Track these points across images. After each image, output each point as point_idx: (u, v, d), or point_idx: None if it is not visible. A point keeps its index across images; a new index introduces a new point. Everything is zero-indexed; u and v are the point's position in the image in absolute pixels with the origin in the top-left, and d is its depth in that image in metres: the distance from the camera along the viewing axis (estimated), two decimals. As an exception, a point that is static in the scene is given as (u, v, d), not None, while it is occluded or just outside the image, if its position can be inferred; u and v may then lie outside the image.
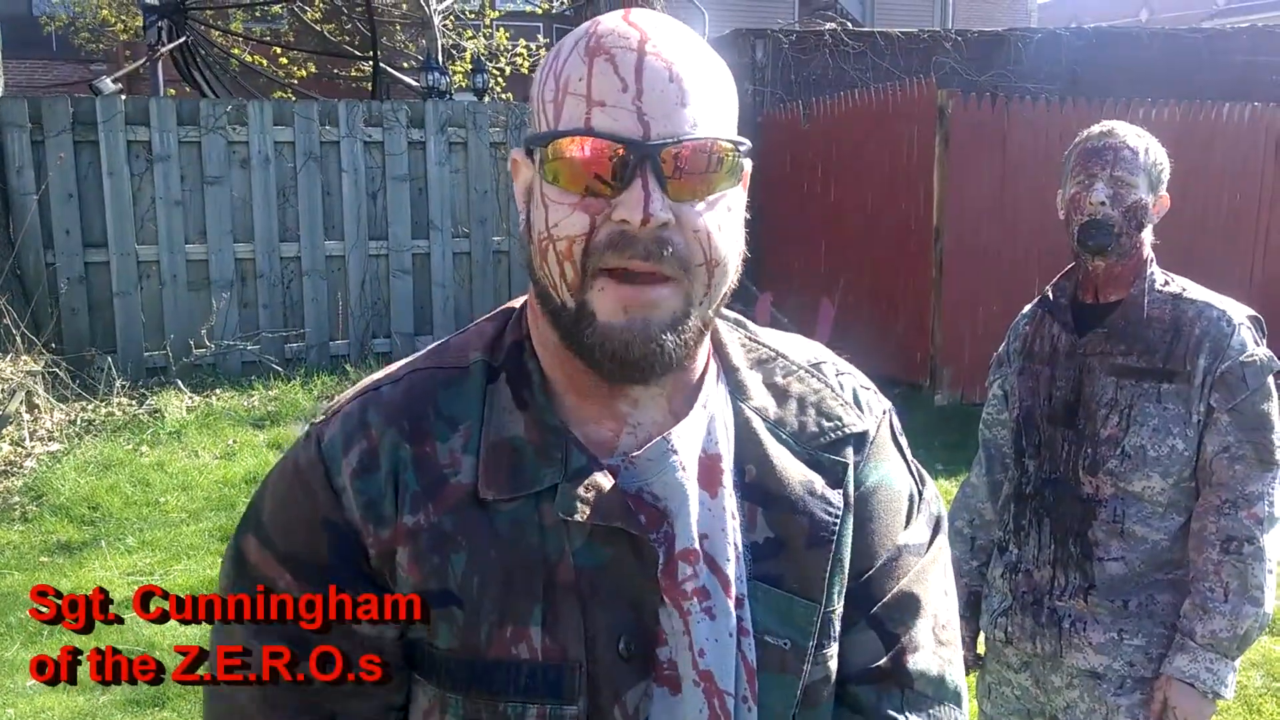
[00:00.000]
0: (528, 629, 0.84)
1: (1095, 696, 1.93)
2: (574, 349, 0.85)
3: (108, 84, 8.27)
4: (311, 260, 7.67)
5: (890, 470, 0.97)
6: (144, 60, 10.83)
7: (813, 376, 0.97)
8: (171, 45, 10.13)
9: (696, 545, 0.88)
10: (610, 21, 0.84)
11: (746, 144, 0.85)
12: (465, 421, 0.88)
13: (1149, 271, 1.94)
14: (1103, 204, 1.88)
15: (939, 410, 6.88)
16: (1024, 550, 2.02)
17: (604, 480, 0.86)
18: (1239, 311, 1.89)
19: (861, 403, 0.98)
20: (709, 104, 0.82)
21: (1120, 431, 1.89)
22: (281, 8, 13.02)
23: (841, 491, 0.92)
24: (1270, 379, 1.87)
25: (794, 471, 0.91)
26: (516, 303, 0.97)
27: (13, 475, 5.48)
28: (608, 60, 0.80)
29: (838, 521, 0.90)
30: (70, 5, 14.35)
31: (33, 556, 4.63)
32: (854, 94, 7.95)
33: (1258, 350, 1.85)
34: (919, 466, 1.02)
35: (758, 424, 0.92)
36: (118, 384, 6.71)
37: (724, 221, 0.84)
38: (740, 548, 0.89)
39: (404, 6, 12.92)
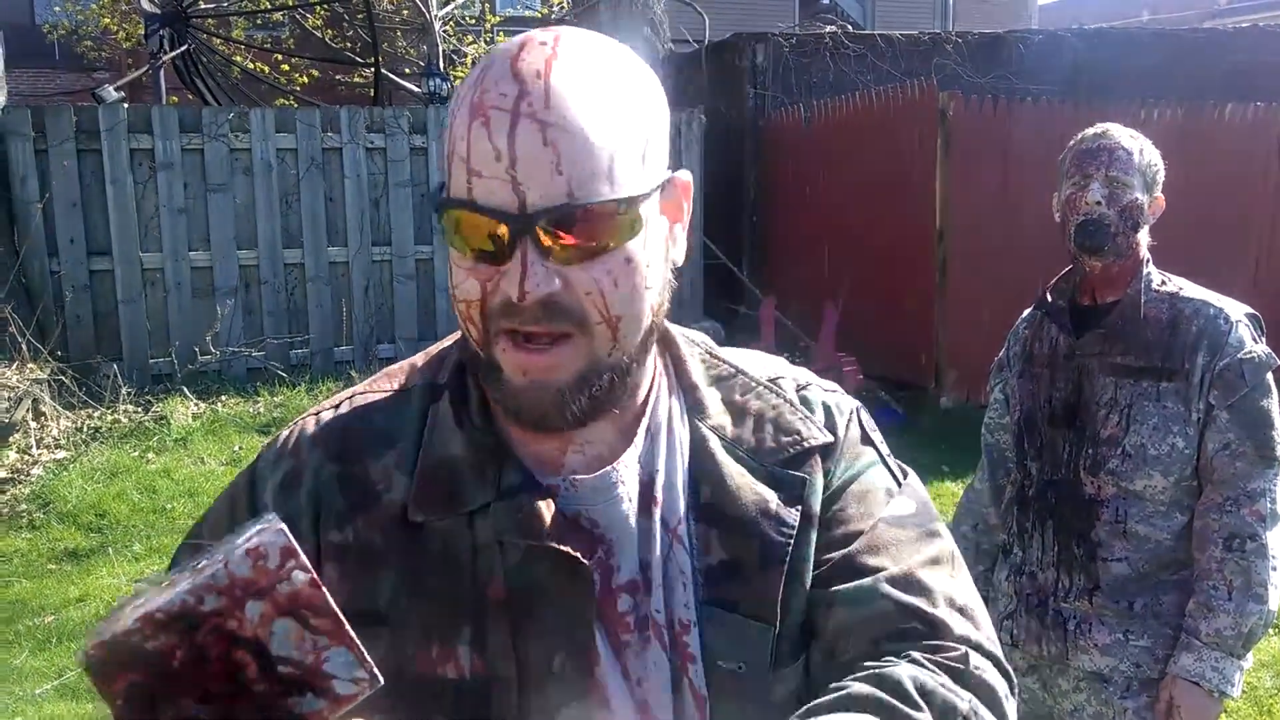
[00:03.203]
0: (455, 648, 0.83)
1: (1102, 700, 1.93)
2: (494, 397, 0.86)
3: (110, 92, 8.29)
4: (315, 266, 7.68)
5: (862, 464, 0.94)
6: (146, 68, 10.85)
7: (771, 392, 0.95)
8: (174, 53, 10.15)
9: (638, 577, 0.86)
10: (498, 69, 0.79)
11: (642, 193, 0.81)
12: (402, 441, 0.88)
13: (1145, 272, 1.95)
14: (1098, 204, 1.89)
15: (944, 413, 6.88)
16: (1028, 553, 2.03)
17: (537, 500, 0.84)
18: (1236, 309, 1.90)
19: (824, 413, 0.95)
20: (595, 160, 0.78)
21: (1120, 431, 1.89)
22: (283, 15, 13.04)
23: (800, 508, 0.89)
24: (1269, 375, 1.87)
25: (749, 491, 0.89)
26: None
27: (20, 483, 5.50)
28: (483, 125, 0.77)
29: (791, 541, 0.88)
30: (73, 14, 14.37)
31: (40, 564, 4.64)
32: (855, 97, 7.95)
33: (1256, 347, 1.86)
34: (899, 464, 0.99)
35: (715, 443, 0.91)
36: (123, 391, 6.73)
37: (621, 275, 0.80)
38: (690, 573, 0.87)
39: (405, 13, 12.94)
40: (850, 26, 11.99)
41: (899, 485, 0.96)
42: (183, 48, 10.22)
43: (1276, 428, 1.86)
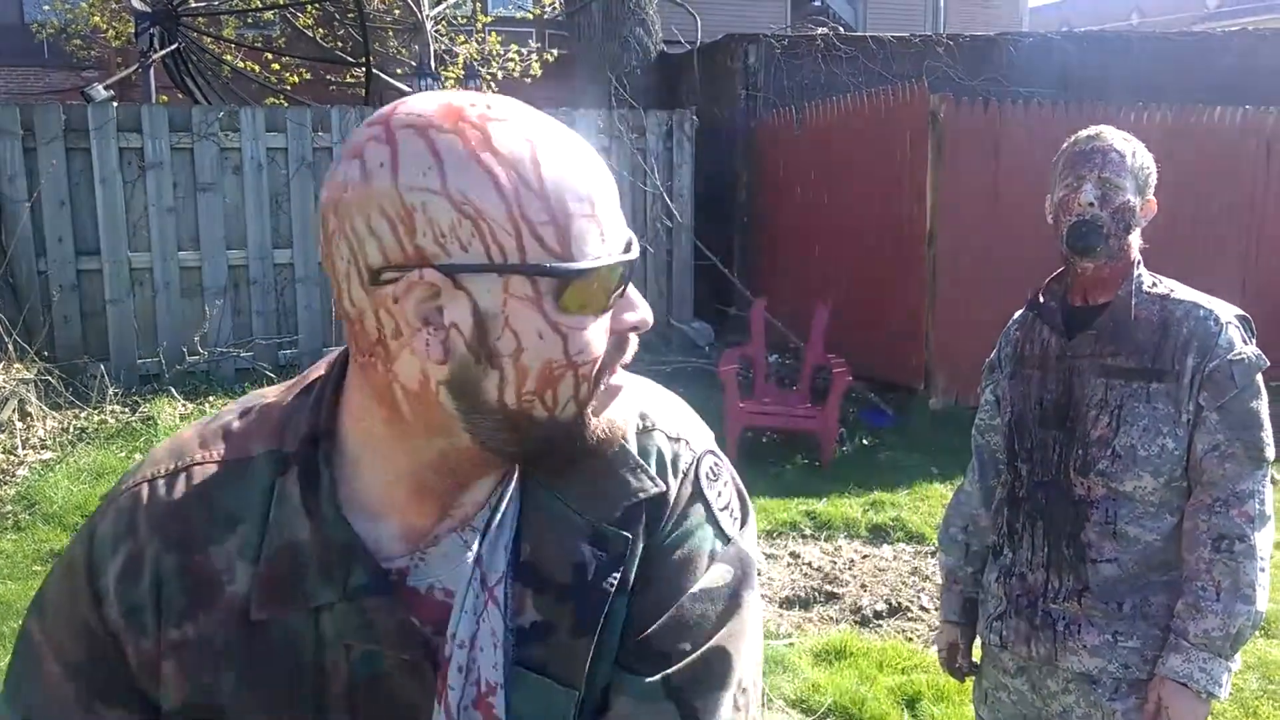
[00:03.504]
0: None
1: (1091, 701, 1.93)
2: (534, 452, 0.82)
3: (100, 91, 8.26)
4: (305, 267, 7.65)
5: (690, 525, 0.89)
6: (136, 67, 10.80)
7: None
8: (163, 52, 10.10)
9: (464, 635, 0.83)
10: (544, 136, 0.77)
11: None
12: (244, 522, 0.83)
13: (1136, 274, 1.95)
14: (1091, 204, 1.89)
15: (934, 414, 6.89)
16: (1018, 554, 2.03)
17: (381, 602, 0.82)
18: (1227, 311, 1.90)
19: (658, 463, 0.89)
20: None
21: (1110, 432, 1.89)
22: (274, 14, 13.00)
23: (620, 571, 0.85)
24: (1259, 377, 1.87)
25: (569, 552, 0.85)
26: (312, 375, 0.90)
27: (5, 484, 5.46)
28: (591, 180, 0.79)
29: (604, 608, 0.85)
30: (62, 12, 14.30)
31: (25, 565, 4.61)
32: (846, 99, 7.96)
33: (1245, 349, 1.86)
34: (735, 515, 0.93)
35: (544, 496, 0.86)
36: (110, 392, 6.69)
37: None
38: (501, 634, 0.83)
39: (396, 12, 12.90)
40: (841, 28, 12.00)
41: (724, 544, 0.90)
42: (172, 46, 10.17)
43: (1266, 429, 1.86)
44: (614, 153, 8.43)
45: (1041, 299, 2.06)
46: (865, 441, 6.61)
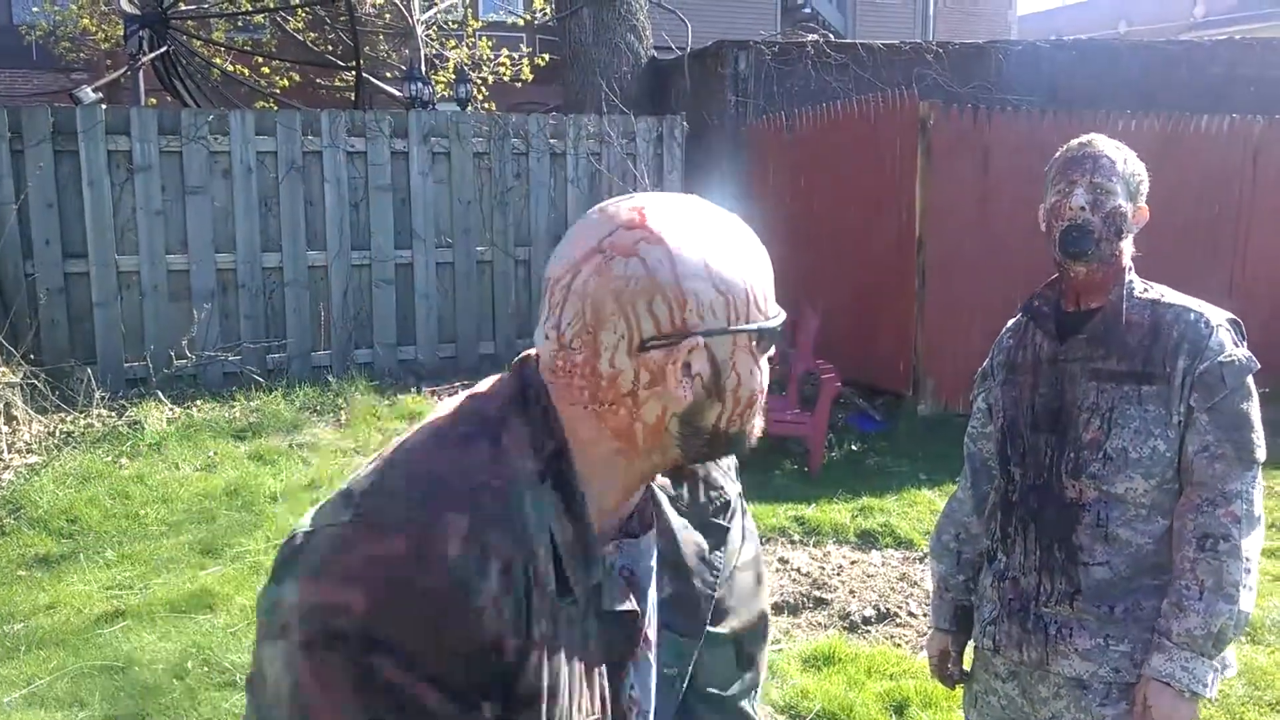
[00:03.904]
0: (581, 706, 1.01)
1: (1081, 707, 1.93)
2: (709, 458, 1.12)
3: (88, 93, 8.23)
4: (294, 270, 7.63)
5: (746, 520, 1.25)
6: (125, 70, 10.78)
7: None
8: (153, 55, 10.08)
9: (652, 611, 1.11)
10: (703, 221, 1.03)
11: None
12: (544, 532, 0.97)
13: (1128, 279, 1.97)
14: (1083, 209, 1.91)
15: (923, 420, 6.90)
16: (1011, 558, 2.03)
17: (621, 575, 1.07)
18: (1217, 314, 1.91)
19: (734, 470, 1.23)
20: None
21: (1102, 435, 1.90)
22: (264, 18, 12.99)
23: (725, 550, 1.17)
24: (1249, 379, 1.88)
25: (689, 540, 1.15)
26: (493, 393, 1.05)
27: (-10, 488, 5.43)
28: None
29: (717, 579, 1.16)
30: (51, 15, 14.25)
31: (10, 570, 4.58)
32: (837, 106, 7.98)
33: (1236, 351, 1.87)
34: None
35: (663, 499, 1.14)
36: (97, 395, 6.66)
37: None
38: (654, 604, 1.12)
39: (387, 17, 12.91)
40: (832, 35, 12.04)
41: (753, 525, 1.28)
42: (162, 49, 10.16)
43: (1256, 430, 1.87)
44: (604, 158, 8.44)
45: (1035, 304, 2.07)
46: (854, 447, 6.62)
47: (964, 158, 7.03)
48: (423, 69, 10.95)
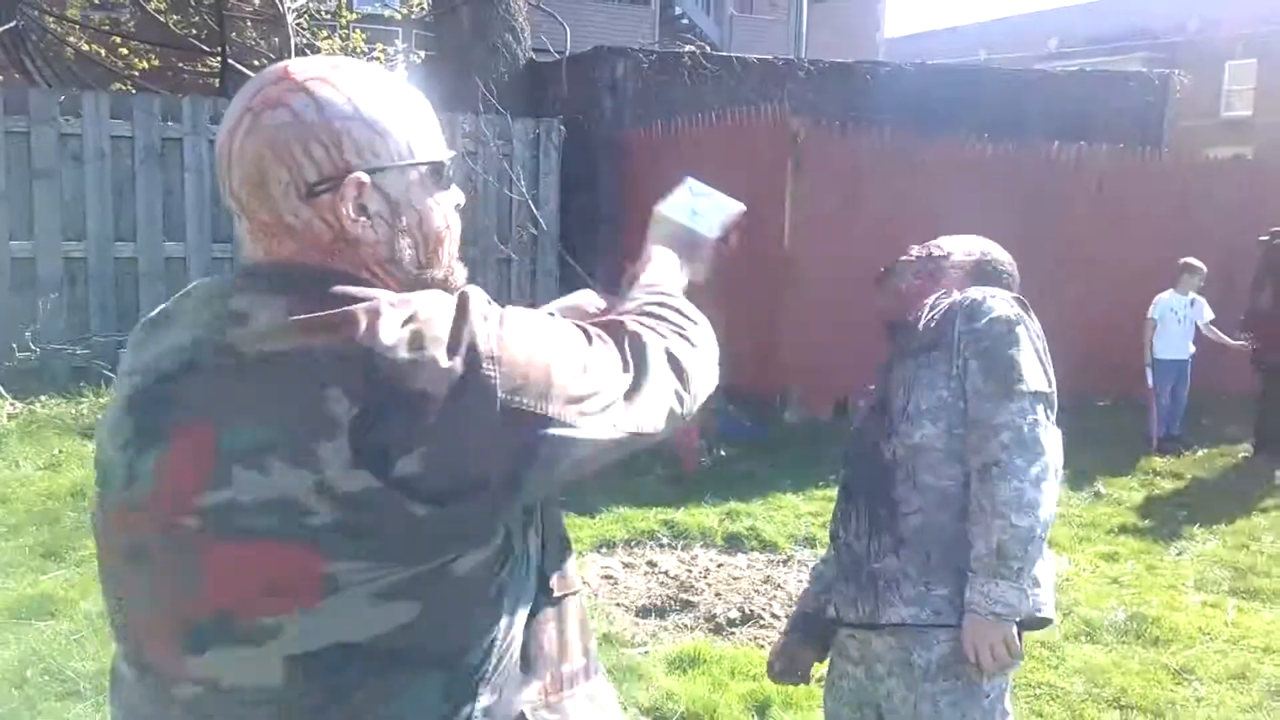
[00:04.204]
0: None
1: (908, 685, 2.06)
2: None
3: (-75, 67, 7.72)
4: (149, 262, 7.32)
5: None
6: (-32, 44, 10.14)
7: None
8: (0, 30, 9.53)
9: None
10: None
11: None
12: None
13: (942, 290, 2.19)
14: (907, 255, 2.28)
15: (789, 427, 7.06)
16: (847, 529, 2.18)
17: None
18: (999, 293, 2.14)
19: None
20: None
21: (905, 399, 2.10)
22: (123, -4, 12.43)
23: None
24: (1020, 330, 2.05)
25: None
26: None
27: None
28: None
29: None
30: (-116, -19, 13.30)
31: None
32: (711, 116, 8.11)
33: (1005, 310, 2.06)
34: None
35: None
36: (-71, 388, 6.25)
37: None
38: None
39: (256, 2, 12.50)
40: (708, 48, 12.23)
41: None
42: (10, 24, 9.61)
43: (1021, 368, 2.03)
44: (480, 159, 8.36)
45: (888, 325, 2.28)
46: (724, 453, 6.73)
47: (832, 172, 7.24)
48: (293, 58, 10.65)
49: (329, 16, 12.96)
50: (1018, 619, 1.95)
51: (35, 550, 4.53)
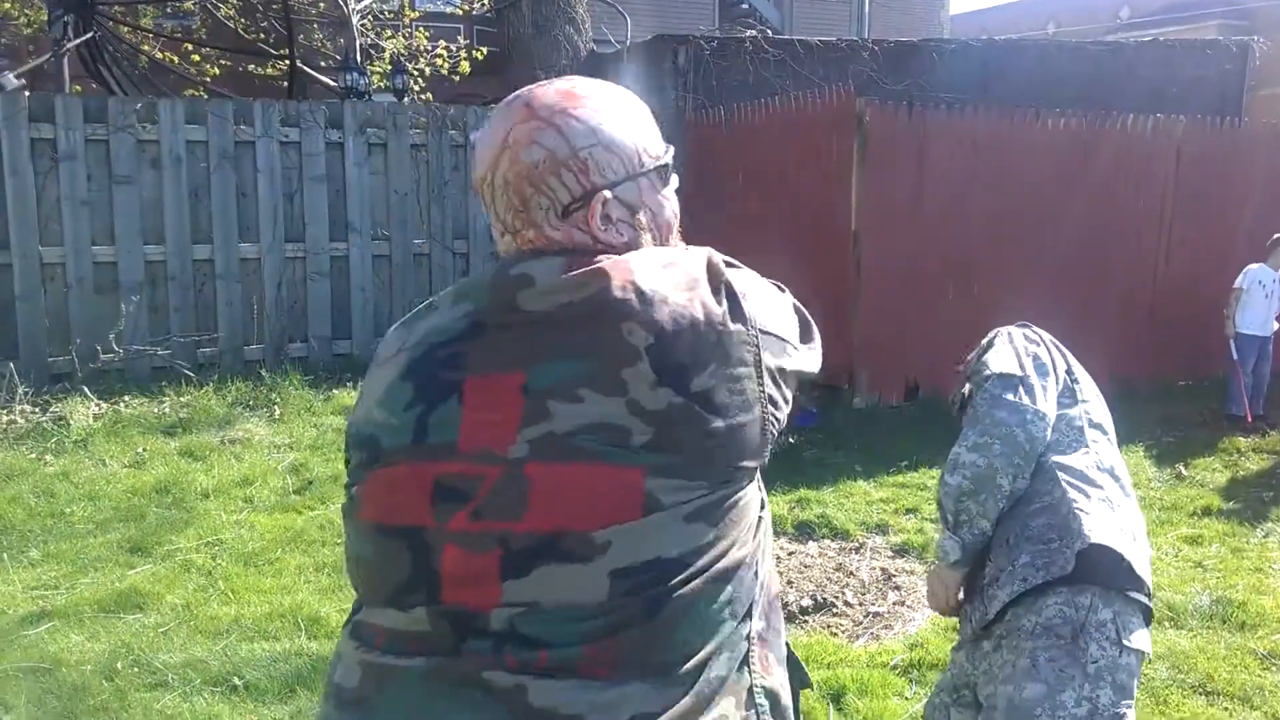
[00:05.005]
0: None
1: (1012, 648, 2.05)
2: None
3: (11, 80, 7.98)
4: (225, 263, 7.49)
5: None
6: (49, 56, 10.47)
7: None
8: (78, 41, 9.81)
9: None
10: None
11: None
12: None
13: None
14: None
15: (858, 413, 6.99)
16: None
17: None
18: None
19: None
20: None
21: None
22: (194, 3, 12.70)
23: None
24: (998, 338, 2.28)
25: None
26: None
27: (-93, 486, 5.25)
28: None
29: None
30: (-31, -2, 13.78)
31: (-71, 571, 4.43)
32: (774, 101, 8.04)
33: (993, 334, 2.31)
34: None
35: None
36: (20, 391, 6.48)
37: None
38: None
39: (321, 5, 12.69)
40: (769, 31, 12.12)
41: None
42: (88, 35, 9.88)
43: (989, 358, 2.22)
44: (543, 151, 8.38)
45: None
46: (792, 440, 6.69)
47: (899, 153, 7.13)
48: (358, 59, 10.79)
49: (392, 16, 13.13)
50: (949, 564, 2.18)
51: (122, 546, 4.68)
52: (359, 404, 1.19)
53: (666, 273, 1.12)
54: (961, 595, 2.28)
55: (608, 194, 1.17)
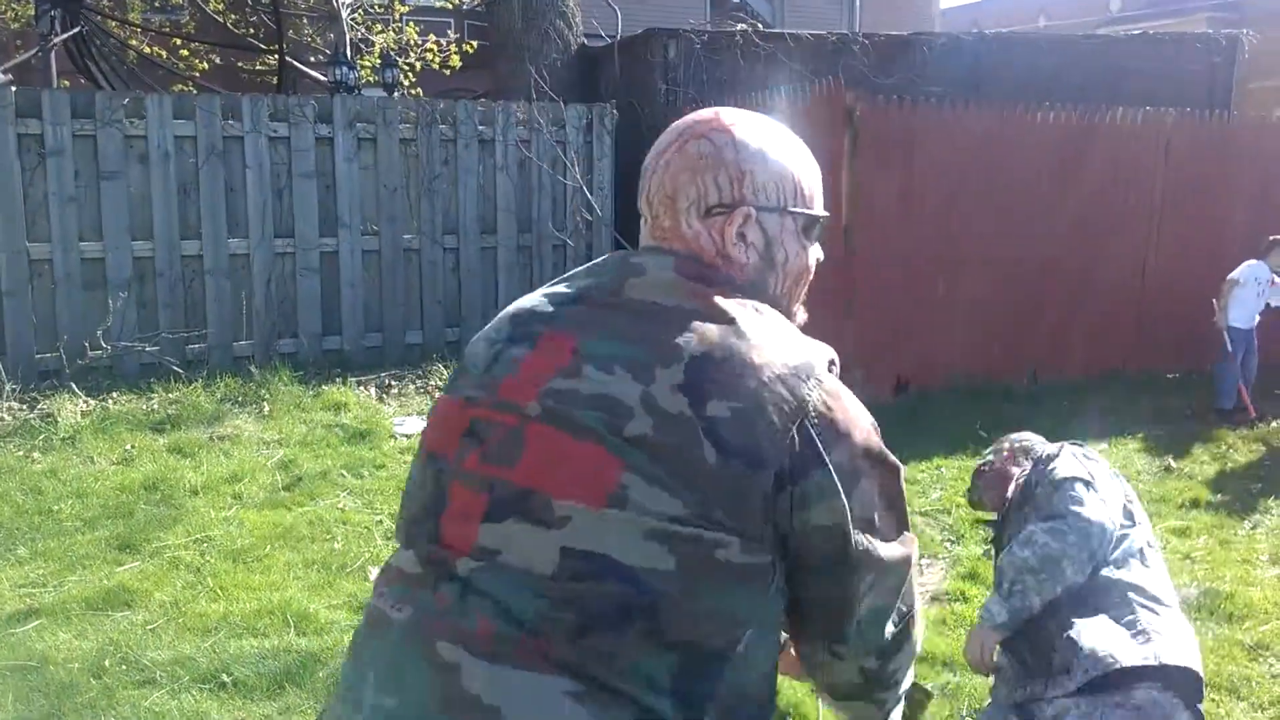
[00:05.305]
0: None
1: (1090, 700, 2.22)
2: None
3: (-5, 74, 7.93)
4: (214, 259, 7.46)
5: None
6: (35, 51, 10.41)
7: None
8: (65, 35, 9.76)
9: None
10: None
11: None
12: None
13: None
14: None
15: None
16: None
17: None
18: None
19: None
20: None
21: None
22: (182, -2, 12.66)
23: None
24: (1063, 453, 2.58)
25: None
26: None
27: (-107, 484, 5.22)
28: None
29: None
30: (-45, -8, 13.69)
31: (-85, 569, 4.41)
32: (765, 95, 8.03)
33: (1053, 449, 2.67)
34: None
35: None
36: (7, 388, 6.45)
37: None
38: None
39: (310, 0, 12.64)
40: (760, 25, 12.10)
41: None
42: (75, 30, 9.83)
43: (1057, 469, 2.54)
44: (534, 145, 8.37)
45: None
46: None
47: (890, 148, 7.13)
48: (348, 53, 10.75)
49: (382, 10, 13.07)
50: (992, 625, 2.36)
51: (110, 543, 4.66)
52: (481, 332, 1.28)
53: (759, 317, 1.15)
54: (996, 656, 2.43)
55: (752, 211, 1.23)
